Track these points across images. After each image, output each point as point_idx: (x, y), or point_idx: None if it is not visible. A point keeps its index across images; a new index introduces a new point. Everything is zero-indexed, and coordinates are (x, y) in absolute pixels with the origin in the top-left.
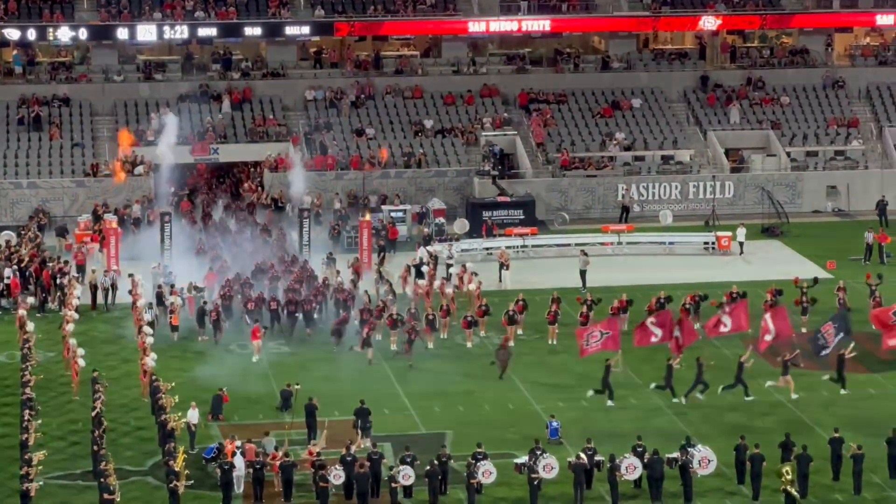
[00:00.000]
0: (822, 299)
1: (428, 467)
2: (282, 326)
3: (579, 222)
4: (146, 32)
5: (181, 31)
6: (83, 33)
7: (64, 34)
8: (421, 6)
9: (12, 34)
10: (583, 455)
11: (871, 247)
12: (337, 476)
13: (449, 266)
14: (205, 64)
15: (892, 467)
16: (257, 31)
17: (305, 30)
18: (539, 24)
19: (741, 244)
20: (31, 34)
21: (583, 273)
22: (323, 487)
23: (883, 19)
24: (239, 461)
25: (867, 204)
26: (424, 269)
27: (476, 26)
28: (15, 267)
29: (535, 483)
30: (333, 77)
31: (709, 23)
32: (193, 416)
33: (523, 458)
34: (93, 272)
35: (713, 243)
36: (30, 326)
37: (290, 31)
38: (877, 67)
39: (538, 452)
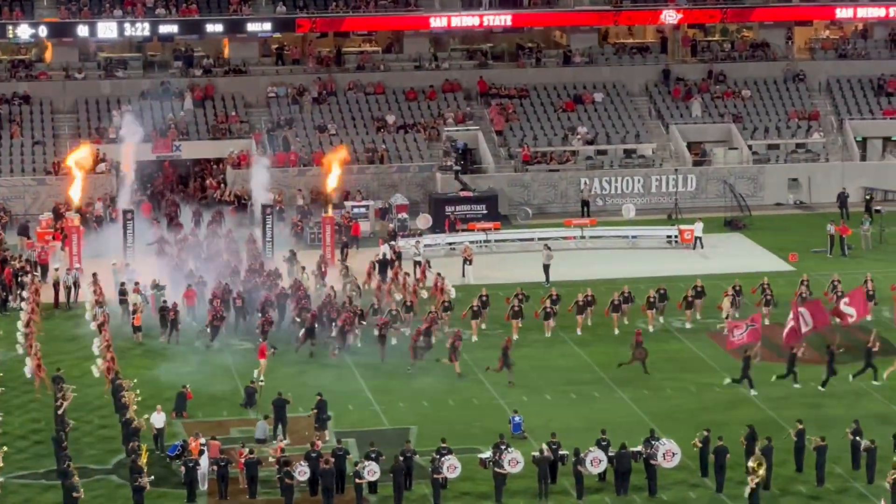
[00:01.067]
0: (785, 292)
1: (393, 463)
2: (246, 325)
3: (542, 217)
4: (107, 30)
5: (142, 29)
6: (43, 31)
7: (23, 31)
8: (382, 2)
9: None
10: (545, 447)
11: (833, 239)
12: (302, 472)
13: (417, 263)
14: (166, 61)
15: (855, 459)
16: (219, 27)
17: (267, 26)
18: (500, 18)
19: (698, 239)
20: None
21: (546, 267)
22: (288, 484)
23: (842, 12)
24: (203, 458)
25: (829, 196)
26: (390, 266)
27: (437, 21)
28: None
29: (500, 478)
30: (295, 73)
31: (670, 17)
32: (158, 419)
33: (488, 453)
34: (55, 271)
35: (676, 237)
36: None
37: (252, 27)
38: (837, 60)
39: (503, 447)
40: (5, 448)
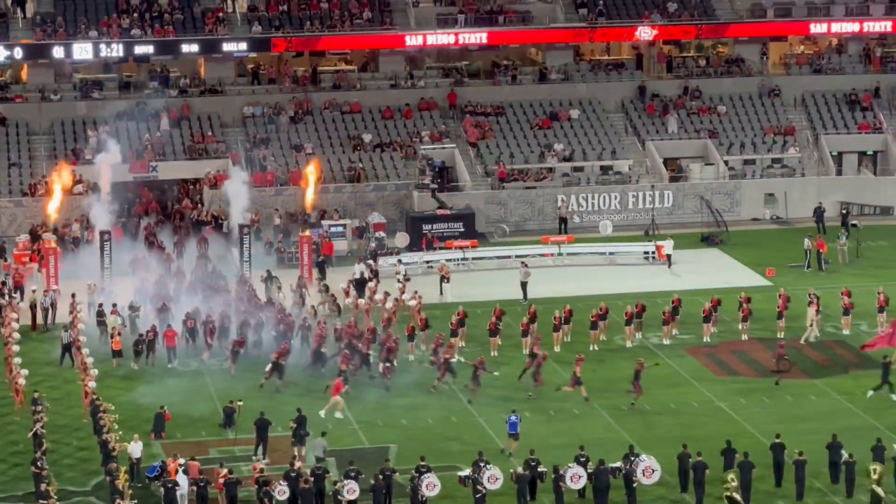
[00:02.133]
0: (763, 307)
1: (372, 481)
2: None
3: (519, 234)
4: (82, 51)
5: (117, 50)
6: (18, 52)
7: (0, 53)
8: (358, 21)
9: None
10: (526, 466)
11: (810, 253)
12: (281, 492)
13: (403, 282)
14: (142, 82)
15: (834, 473)
16: (194, 48)
17: (242, 46)
18: (476, 36)
19: (669, 256)
20: None
21: (524, 284)
22: None
23: (817, 28)
24: (182, 479)
25: (805, 211)
26: (370, 284)
27: (413, 40)
28: None
29: (480, 495)
30: (271, 93)
31: (645, 33)
32: (136, 449)
33: (467, 471)
34: (32, 292)
35: (653, 253)
36: None
37: (227, 47)
38: (812, 75)
39: (482, 465)
40: None
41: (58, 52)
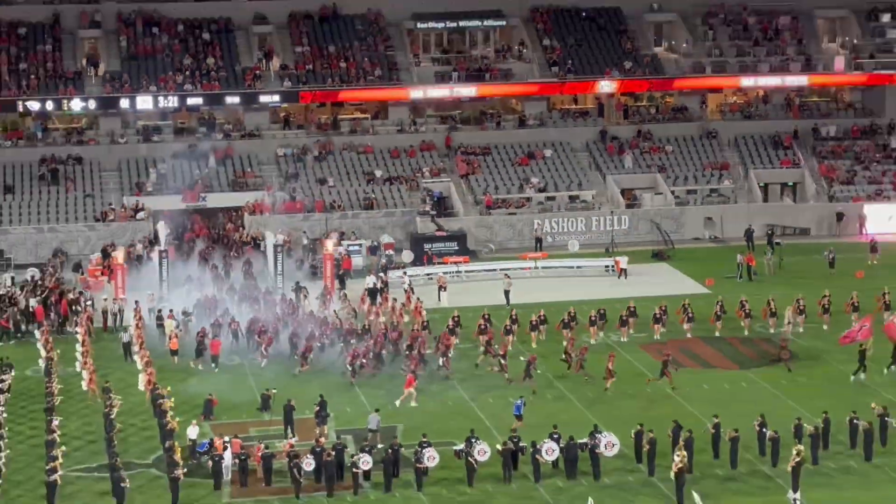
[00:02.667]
0: (703, 311)
1: (383, 455)
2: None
3: (503, 251)
4: (144, 102)
5: (173, 101)
6: (92, 104)
7: (76, 105)
8: (370, 78)
9: (33, 106)
10: (510, 442)
11: (741, 267)
12: (308, 464)
13: (408, 292)
14: (193, 127)
15: (761, 447)
16: (236, 99)
17: (276, 98)
18: (467, 90)
19: (623, 270)
20: (49, 105)
21: (506, 293)
22: (296, 474)
23: (746, 82)
24: (227, 454)
25: (737, 232)
26: (379, 293)
27: (416, 93)
28: (39, 297)
29: (471, 466)
30: (299, 137)
31: (605, 87)
32: (193, 431)
33: (461, 446)
34: (104, 300)
35: (612, 267)
36: (52, 345)
37: (263, 99)
38: (742, 121)
39: (473, 440)
40: (65, 447)
41: (124, 103)
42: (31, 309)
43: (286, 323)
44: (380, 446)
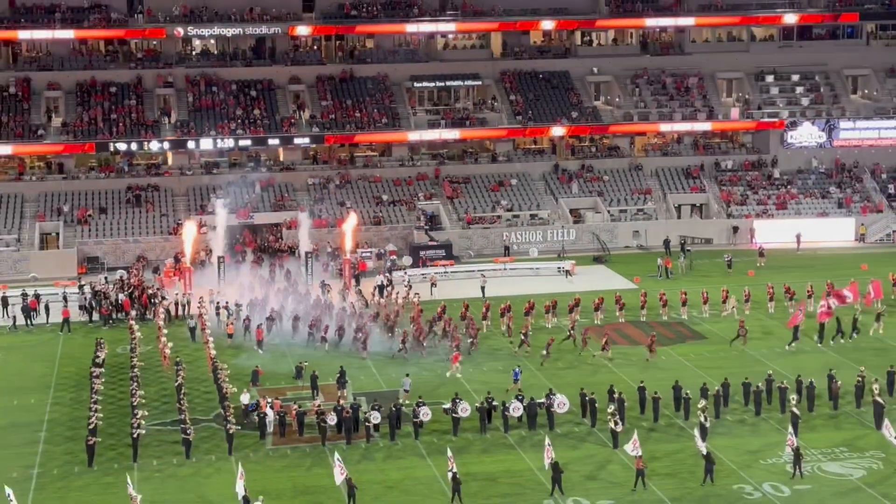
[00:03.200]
0: (632, 302)
1: (388, 412)
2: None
3: (480, 257)
4: (206, 144)
5: (228, 143)
6: (166, 145)
7: (154, 146)
8: (378, 124)
9: (121, 146)
10: (485, 402)
11: (661, 268)
12: (332, 419)
13: (408, 287)
14: (243, 162)
15: (676, 405)
16: (276, 141)
17: (306, 140)
18: (452, 133)
19: (567, 271)
20: (133, 146)
21: (482, 288)
22: (322, 427)
23: (664, 127)
24: (270, 412)
25: (658, 241)
26: (385, 289)
27: (413, 136)
28: (126, 292)
29: (456, 420)
30: (324, 170)
31: (558, 131)
32: (245, 397)
33: (447, 405)
34: (175, 295)
35: (563, 268)
36: (136, 329)
37: (297, 141)
38: (661, 157)
39: (457, 401)
40: (146, 412)
41: (191, 144)
42: (119, 301)
43: (330, 316)
44: (405, 403)
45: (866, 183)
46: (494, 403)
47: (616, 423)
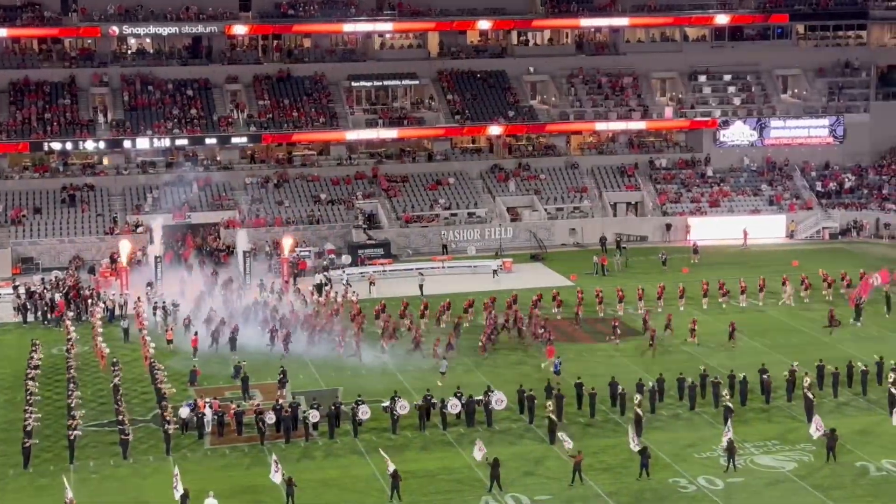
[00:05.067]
0: (569, 299)
1: (328, 410)
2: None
3: (418, 255)
4: (142, 143)
5: (164, 142)
6: (101, 144)
7: (89, 145)
8: (316, 123)
9: (56, 146)
10: (423, 402)
11: (597, 266)
12: (270, 418)
13: (346, 286)
14: (180, 162)
15: (612, 400)
16: (213, 140)
17: (244, 139)
18: (390, 133)
19: (495, 271)
20: (68, 146)
21: (420, 286)
22: (261, 426)
23: (600, 125)
24: (208, 411)
25: (594, 239)
26: (324, 287)
27: (352, 135)
28: (62, 293)
29: (395, 418)
30: (263, 169)
31: (495, 130)
32: (184, 411)
33: (387, 403)
34: (111, 295)
35: (501, 266)
36: (73, 330)
37: (235, 140)
38: (597, 155)
39: (396, 399)
40: (83, 412)
41: (127, 144)
42: (54, 302)
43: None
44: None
45: (796, 181)
46: (434, 401)
47: (552, 419)
